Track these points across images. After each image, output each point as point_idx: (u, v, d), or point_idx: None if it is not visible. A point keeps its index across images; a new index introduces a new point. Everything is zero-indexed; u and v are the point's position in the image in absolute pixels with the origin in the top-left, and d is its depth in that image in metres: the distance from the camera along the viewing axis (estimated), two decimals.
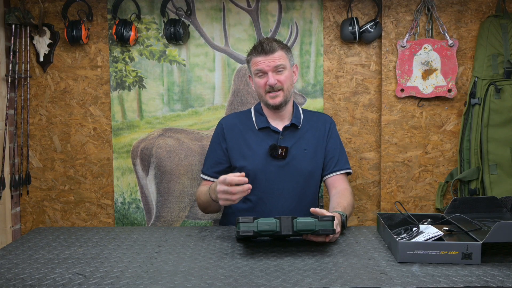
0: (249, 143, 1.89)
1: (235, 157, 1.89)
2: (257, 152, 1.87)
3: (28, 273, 1.27)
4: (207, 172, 1.94)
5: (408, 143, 2.39)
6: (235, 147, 1.90)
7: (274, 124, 1.91)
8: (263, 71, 1.82)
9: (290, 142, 1.88)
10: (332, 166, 1.91)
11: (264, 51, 1.80)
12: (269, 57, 1.81)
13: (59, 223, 2.47)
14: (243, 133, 1.91)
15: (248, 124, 1.94)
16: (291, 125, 1.90)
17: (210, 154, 1.97)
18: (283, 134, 1.89)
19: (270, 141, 1.88)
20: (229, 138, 1.91)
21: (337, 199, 1.78)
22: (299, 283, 1.16)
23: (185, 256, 1.40)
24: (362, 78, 2.41)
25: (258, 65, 1.82)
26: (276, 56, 1.81)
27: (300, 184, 1.88)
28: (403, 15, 2.34)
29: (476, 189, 2.29)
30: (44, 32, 2.39)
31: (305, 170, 1.88)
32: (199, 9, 2.40)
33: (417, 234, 1.41)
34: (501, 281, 1.16)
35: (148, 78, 2.43)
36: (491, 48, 2.27)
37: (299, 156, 1.88)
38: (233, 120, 1.97)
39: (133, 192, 2.47)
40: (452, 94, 2.31)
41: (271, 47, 1.81)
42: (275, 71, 1.82)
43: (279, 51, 1.82)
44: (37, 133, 2.46)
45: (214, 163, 1.93)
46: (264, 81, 1.83)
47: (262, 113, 1.93)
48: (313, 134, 1.93)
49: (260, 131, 1.91)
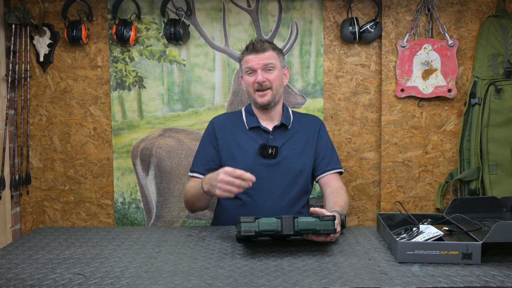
0: (239, 142, 1.90)
1: (225, 156, 1.90)
2: (247, 151, 1.88)
3: (28, 273, 1.27)
4: (198, 170, 1.92)
5: (408, 143, 2.39)
6: (225, 146, 1.91)
7: (264, 124, 1.92)
8: (253, 68, 1.83)
9: (280, 141, 1.90)
10: (324, 166, 1.92)
11: (255, 50, 1.83)
12: (259, 56, 1.83)
13: (59, 223, 2.47)
14: (233, 133, 1.92)
15: (239, 123, 1.95)
16: (281, 125, 1.92)
17: (201, 152, 1.95)
18: (273, 134, 1.90)
19: (260, 141, 1.89)
20: (219, 136, 1.92)
21: (334, 198, 1.79)
22: (299, 283, 1.16)
23: (185, 256, 1.40)
24: (362, 78, 2.41)
25: (248, 62, 1.84)
26: (267, 55, 1.83)
27: (289, 182, 1.89)
28: (403, 15, 2.34)
29: (476, 189, 2.29)
30: (44, 32, 2.39)
31: (295, 169, 1.89)
32: (199, 9, 2.40)
33: (417, 234, 1.41)
34: (501, 281, 1.16)
35: (148, 78, 2.43)
36: (491, 48, 2.27)
37: (289, 155, 1.89)
38: (224, 120, 1.97)
39: (133, 192, 2.47)
40: (452, 94, 2.31)
41: (262, 46, 1.83)
42: (265, 69, 1.84)
43: (270, 51, 1.85)
44: (37, 133, 2.46)
45: (206, 161, 1.92)
46: (253, 79, 1.84)
47: (253, 113, 1.94)
48: (302, 134, 1.94)
49: (250, 131, 1.92)
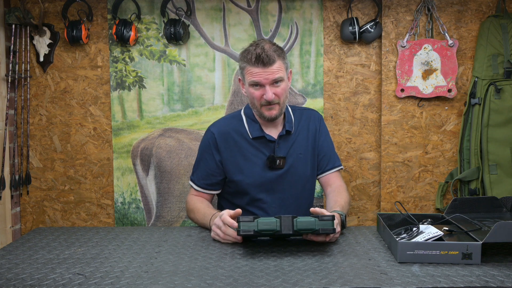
0: (245, 154, 1.81)
1: (232, 170, 1.81)
2: (255, 163, 1.80)
3: (28, 273, 1.27)
4: (199, 184, 1.84)
5: (408, 143, 2.38)
6: (230, 160, 1.81)
7: (268, 132, 1.82)
8: (260, 84, 1.69)
9: (285, 149, 1.83)
10: (325, 164, 1.89)
11: (263, 63, 1.66)
12: (267, 70, 1.67)
13: (59, 223, 2.47)
14: (238, 144, 1.81)
15: (241, 132, 1.83)
16: (286, 132, 1.83)
17: (201, 164, 1.84)
18: (279, 142, 1.82)
19: (266, 151, 1.81)
20: (223, 149, 1.81)
21: (334, 197, 1.77)
22: (299, 283, 1.16)
23: (185, 256, 1.40)
24: (362, 78, 2.41)
25: (254, 76, 1.68)
26: (275, 68, 1.68)
27: (299, 189, 1.85)
28: (403, 15, 2.34)
29: (476, 189, 2.29)
30: (44, 32, 2.39)
31: (304, 176, 1.85)
32: (199, 9, 2.40)
33: (417, 234, 1.41)
34: (501, 281, 1.16)
35: (148, 78, 2.43)
36: (491, 48, 2.27)
37: (296, 162, 1.83)
38: (225, 128, 1.83)
39: (133, 192, 2.47)
40: (452, 94, 2.31)
41: (270, 58, 1.66)
42: (273, 84, 1.70)
43: (277, 62, 1.68)
44: (37, 133, 2.46)
45: (206, 175, 1.83)
46: (260, 94, 1.71)
47: (255, 120, 1.83)
48: (305, 136, 1.88)
49: (254, 140, 1.81)
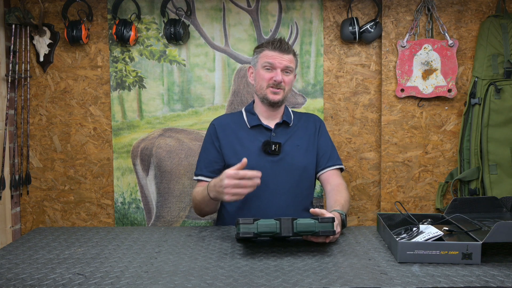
0: (242, 140, 1.91)
1: (228, 155, 1.90)
2: (250, 149, 1.88)
3: (28, 273, 1.27)
4: (202, 173, 1.93)
5: (408, 143, 2.38)
6: (227, 145, 1.91)
7: (265, 122, 1.93)
8: (274, 66, 1.84)
9: (283, 138, 1.91)
10: (325, 162, 1.94)
11: (281, 49, 1.83)
12: (283, 56, 1.84)
13: (59, 223, 2.47)
14: (235, 131, 1.93)
15: (240, 122, 1.95)
16: (283, 122, 1.93)
17: (203, 154, 1.96)
18: (275, 131, 1.91)
19: (262, 138, 1.89)
20: (221, 136, 1.92)
21: (334, 196, 1.80)
22: (299, 283, 1.16)
23: (185, 256, 1.40)
24: (362, 78, 2.41)
25: (270, 58, 1.83)
26: (289, 58, 1.85)
27: (294, 179, 1.89)
28: (403, 15, 2.34)
29: (476, 189, 2.29)
30: (44, 32, 2.39)
31: (299, 165, 1.90)
32: (199, 9, 2.40)
33: (417, 234, 1.41)
34: (501, 281, 1.16)
35: (148, 78, 2.43)
36: (491, 48, 2.27)
37: (292, 151, 1.90)
38: (225, 120, 1.98)
39: (133, 192, 2.47)
40: (452, 94, 2.31)
41: (288, 48, 1.85)
42: (284, 71, 1.85)
43: (291, 55, 1.87)
44: (37, 133, 2.46)
45: (209, 162, 1.92)
46: (270, 75, 1.84)
47: (254, 113, 1.95)
48: (304, 131, 1.96)
49: (252, 129, 1.92)
